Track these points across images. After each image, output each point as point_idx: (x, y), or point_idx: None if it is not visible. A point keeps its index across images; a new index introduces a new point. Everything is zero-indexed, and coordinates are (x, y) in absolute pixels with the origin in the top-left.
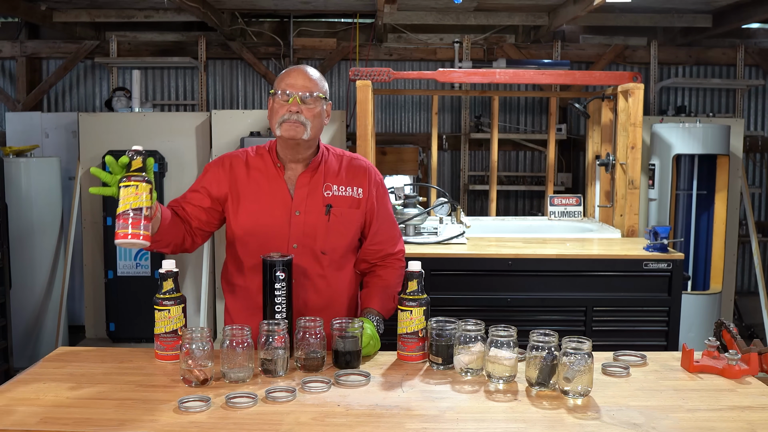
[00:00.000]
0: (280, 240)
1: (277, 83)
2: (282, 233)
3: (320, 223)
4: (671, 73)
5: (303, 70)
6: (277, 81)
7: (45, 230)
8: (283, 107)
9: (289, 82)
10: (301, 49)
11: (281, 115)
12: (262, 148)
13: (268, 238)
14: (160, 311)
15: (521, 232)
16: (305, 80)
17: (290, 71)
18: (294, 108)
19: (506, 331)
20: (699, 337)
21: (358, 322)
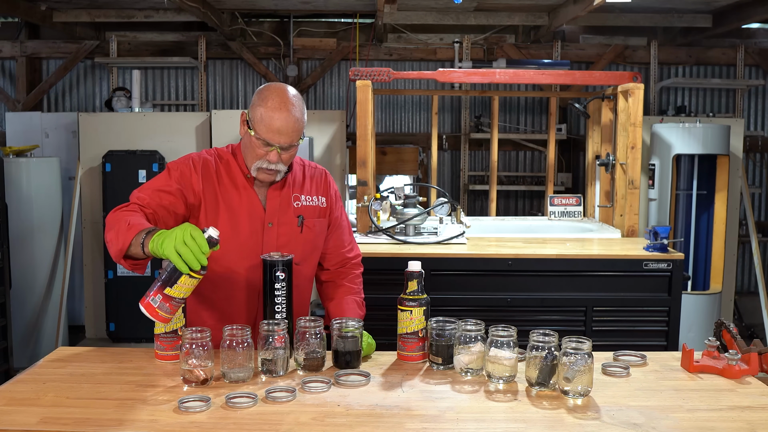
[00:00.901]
0: (252, 252)
1: (259, 126)
2: (255, 245)
3: (293, 234)
4: (671, 73)
5: (290, 117)
6: (260, 123)
7: (45, 230)
8: (260, 151)
9: (273, 132)
10: (301, 49)
11: (258, 159)
12: (226, 154)
13: (240, 250)
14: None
15: (521, 232)
16: (291, 131)
17: (275, 117)
18: (274, 159)
19: (506, 331)
20: (699, 337)
21: (358, 322)
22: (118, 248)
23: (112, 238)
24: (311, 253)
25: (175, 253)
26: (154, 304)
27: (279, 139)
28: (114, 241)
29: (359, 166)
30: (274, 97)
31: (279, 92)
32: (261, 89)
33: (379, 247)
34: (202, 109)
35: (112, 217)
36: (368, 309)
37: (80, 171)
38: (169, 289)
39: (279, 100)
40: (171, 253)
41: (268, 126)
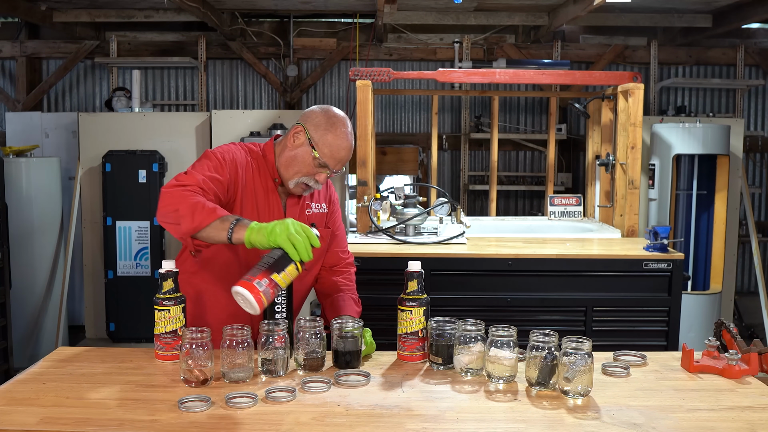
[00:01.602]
0: None
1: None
2: None
3: None
4: (671, 73)
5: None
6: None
7: (45, 230)
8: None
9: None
10: (301, 49)
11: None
12: (257, 155)
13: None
14: (160, 311)
15: (521, 232)
16: (347, 160)
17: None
18: (323, 180)
19: (506, 331)
20: (699, 337)
21: (358, 322)
22: (192, 226)
23: (186, 214)
24: (318, 260)
25: (288, 242)
26: (260, 287)
27: (338, 166)
28: (189, 218)
29: (359, 166)
30: (342, 127)
31: (344, 122)
32: (326, 113)
33: (379, 247)
34: (202, 109)
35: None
36: (368, 309)
37: (80, 171)
38: (276, 275)
39: (346, 131)
40: (284, 241)
41: (335, 154)
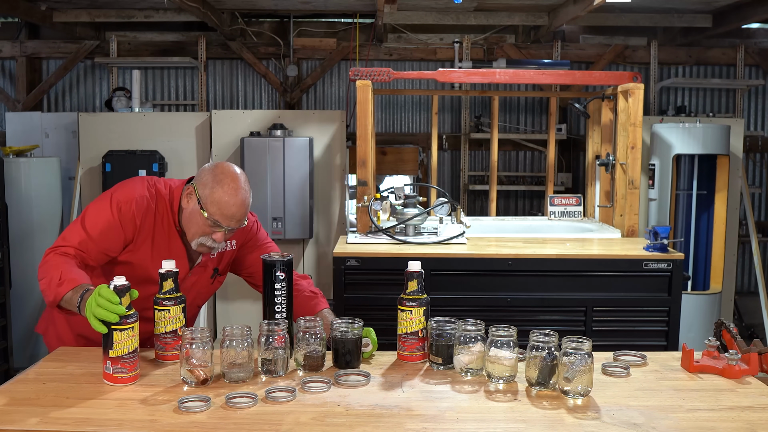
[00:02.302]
0: None
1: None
2: None
3: (205, 284)
4: (671, 73)
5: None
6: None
7: (45, 230)
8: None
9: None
10: (301, 49)
11: (203, 235)
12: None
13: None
14: (160, 311)
15: (521, 232)
16: (242, 216)
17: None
18: (220, 239)
19: (506, 331)
20: (699, 337)
21: (358, 322)
22: (50, 300)
23: (45, 288)
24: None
25: (93, 318)
26: (109, 371)
27: (230, 223)
28: (47, 293)
29: (359, 166)
30: (229, 181)
31: (233, 177)
32: (213, 170)
33: (379, 247)
34: (202, 109)
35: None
36: (368, 309)
37: (80, 171)
38: (111, 351)
39: (234, 185)
40: (91, 320)
41: (223, 211)
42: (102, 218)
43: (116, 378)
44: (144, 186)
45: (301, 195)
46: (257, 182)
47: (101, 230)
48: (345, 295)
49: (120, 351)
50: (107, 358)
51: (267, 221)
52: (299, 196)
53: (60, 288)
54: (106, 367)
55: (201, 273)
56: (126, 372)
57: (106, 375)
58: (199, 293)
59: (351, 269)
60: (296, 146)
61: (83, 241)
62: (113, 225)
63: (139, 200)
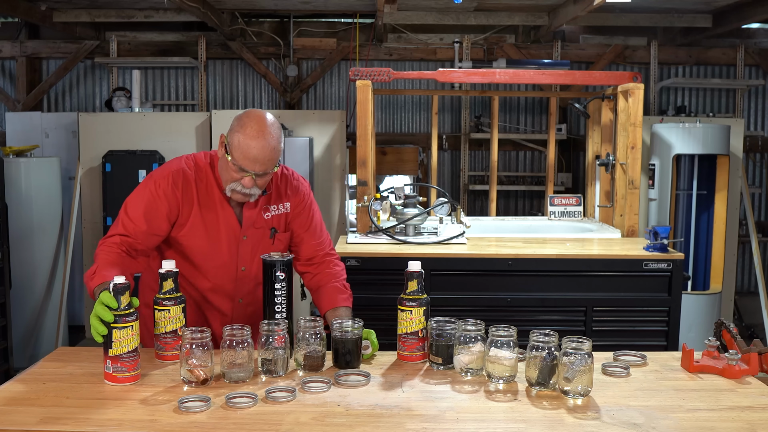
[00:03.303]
0: (228, 264)
1: (236, 152)
2: (230, 258)
3: (266, 245)
4: (671, 73)
5: (267, 146)
6: (237, 149)
7: (45, 230)
8: (235, 175)
9: (249, 159)
10: (301, 49)
11: (233, 181)
12: (205, 166)
13: (218, 264)
14: (160, 311)
15: (521, 232)
16: (266, 160)
17: (252, 145)
18: (248, 184)
19: (506, 331)
20: (699, 337)
21: (358, 321)
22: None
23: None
24: None
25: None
26: (109, 371)
27: (254, 166)
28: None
29: (359, 166)
30: (252, 124)
31: (258, 120)
32: (241, 115)
33: (379, 247)
34: (202, 109)
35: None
36: (368, 309)
37: (80, 171)
38: (110, 350)
39: (257, 128)
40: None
41: (245, 154)
42: (142, 199)
43: (116, 378)
44: (181, 161)
45: None
46: None
47: (143, 211)
48: None
49: (119, 350)
50: (107, 357)
51: None
52: None
53: (91, 282)
54: (106, 366)
55: (257, 235)
56: (126, 371)
57: (107, 375)
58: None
59: (351, 269)
60: (296, 146)
61: (127, 226)
62: (153, 203)
63: (175, 173)
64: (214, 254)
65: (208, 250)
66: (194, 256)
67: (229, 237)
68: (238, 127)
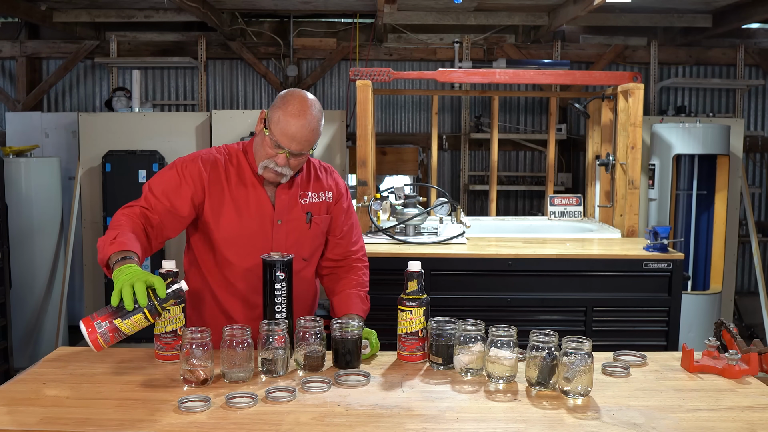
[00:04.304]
0: (261, 248)
1: (275, 127)
2: (264, 242)
3: (302, 231)
4: (671, 73)
5: (306, 125)
6: (276, 125)
7: (45, 230)
8: (270, 151)
9: (287, 136)
10: (301, 49)
11: (267, 158)
12: (237, 152)
13: (249, 248)
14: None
15: (521, 232)
16: (304, 139)
17: (292, 122)
18: (281, 162)
19: (506, 331)
20: (699, 337)
21: (358, 321)
22: (100, 258)
23: (100, 245)
24: (317, 249)
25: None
26: (99, 329)
27: (291, 144)
28: (99, 249)
29: (359, 166)
30: (295, 102)
31: (301, 99)
32: (284, 93)
33: (379, 247)
34: (202, 109)
35: (114, 219)
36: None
37: (80, 171)
38: (119, 320)
39: (299, 107)
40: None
41: (284, 130)
42: (166, 177)
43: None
44: (212, 148)
45: None
46: None
47: (165, 188)
48: None
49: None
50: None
51: None
52: None
53: (111, 247)
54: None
55: (292, 220)
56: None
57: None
58: (297, 241)
59: None
60: None
61: (150, 200)
62: (177, 181)
63: (204, 157)
64: (247, 237)
65: (240, 232)
66: (225, 241)
67: (262, 219)
68: (281, 103)
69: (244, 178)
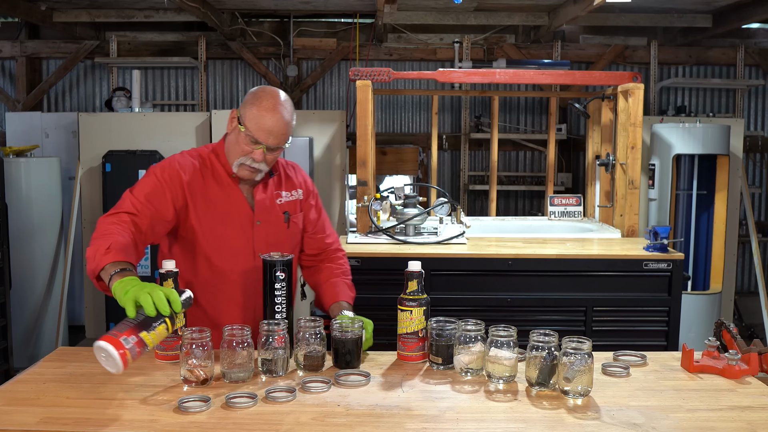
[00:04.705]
0: (243, 251)
1: (250, 123)
2: (245, 245)
3: (281, 231)
4: (671, 73)
5: (281, 119)
6: (251, 121)
7: (45, 230)
8: (247, 147)
9: (264, 131)
10: (301, 49)
11: (243, 155)
12: (208, 154)
13: (230, 250)
14: None
15: (521, 232)
16: (280, 133)
17: (267, 116)
18: (259, 157)
19: (506, 331)
20: (699, 337)
21: (358, 321)
22: (91, 268)
23: (91, 255)
24: (295, 247)
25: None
26: (126, 344)
27: (267, 138)
28: (90, 259)
29: (359, 166)
30: (268, 98)
31: (273, 94)
32: (255, 90)
33: (379, 247)
34: (202, 109)
35: (100, 227)
36: (368, 309)
37: (80, 171)
38: (145, 333)
39: (273, 101)
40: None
41: (260, 125)
42: (146, 183)
43: None
44: (183, 152)
45: None
46: None
47: (147, 193)
48: None
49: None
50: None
51: None
52: None
53: (105, 257)
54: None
55: (271, 221)
56: None
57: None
58: (278, 241)
59: (351, 269)
60: (296, 146)
61: (134, 203)
62: (158, 186)
63: (180, 160)
64: (228, 240)
65: (221, 235)
66: (207, 244)
67: (242, 221)
68: (254, 99)
69: (220, 180)
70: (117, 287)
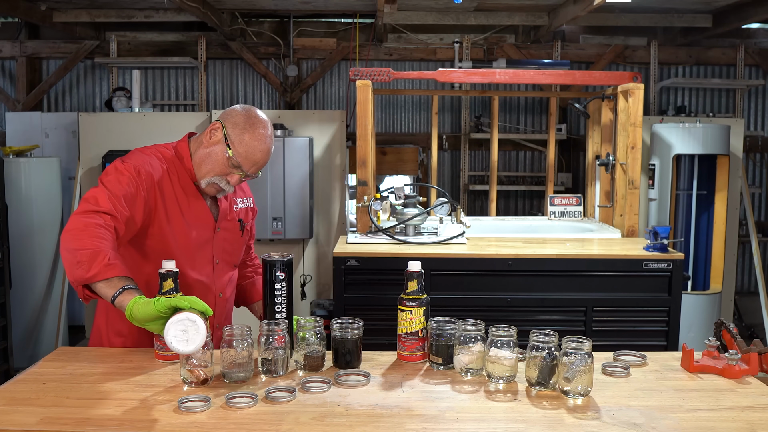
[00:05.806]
0: (203, 259)
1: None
2: (207, 251)
3: (236, 238)
4: (671, 73)
5: (269, 152)
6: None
7: (45, 230)
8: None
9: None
10: (301, 49)
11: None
12: (171, 157)
13: (192, 258)
14: None
15: (521, 232)
16: (264, 163)
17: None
18: (235, 182)
19: (506, 331)
20: (699, 337)
21: (358, 321)
22: (87, 276)
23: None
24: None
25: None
26: None
27: (252, 169)
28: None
29: (359, 166)
30: (260, 128)
31: (265, 124)
32: (248, 114)
33: (379, 247)
34: (202, 109)
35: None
36: (368, 309)
37: (80, 171)
38: None
39: (265, 132)
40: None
41: (250, 155)
42: (123, 182)
43: None
44: (146, 151)
45: (301, 195)
46: (257, 182)
47: (125, 194)
48: (345, 295)
49: None
50: None
51: (267, 221)
52: (299, 196)
53: (108, 270)
54: None
55: (229, 227)
56: None
57: None
58: (232, 248)
59: (351, 269)
60: (296, 146)
61: (114, 204)
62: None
63: (150, 161)
64: (193, 247)
65: (187, 242)
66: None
67: (205, 228)
68: (247, 125)
69: (186, 187)
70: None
